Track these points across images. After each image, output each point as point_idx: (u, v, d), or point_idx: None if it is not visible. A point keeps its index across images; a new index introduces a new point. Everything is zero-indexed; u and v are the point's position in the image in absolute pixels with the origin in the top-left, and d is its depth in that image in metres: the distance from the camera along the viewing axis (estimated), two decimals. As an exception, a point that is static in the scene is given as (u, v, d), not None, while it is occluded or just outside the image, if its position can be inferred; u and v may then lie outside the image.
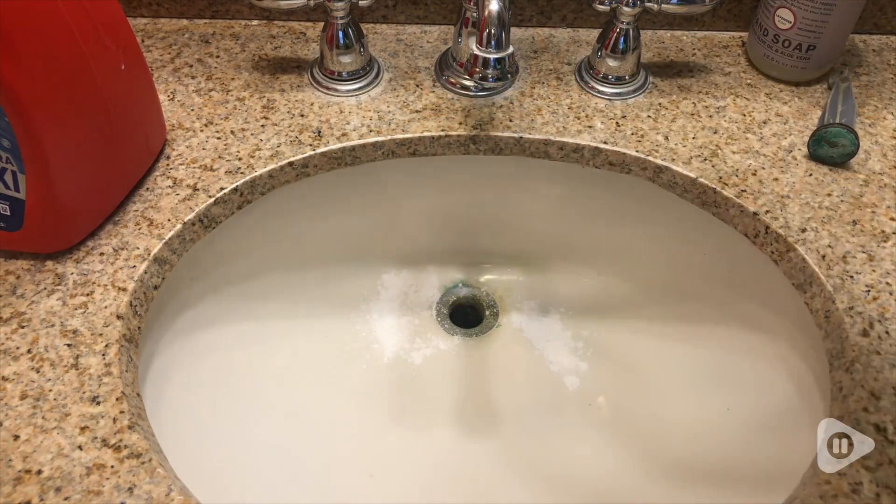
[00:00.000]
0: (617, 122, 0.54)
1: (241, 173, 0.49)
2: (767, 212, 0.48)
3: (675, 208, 0.52)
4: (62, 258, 0.44)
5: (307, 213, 0.55)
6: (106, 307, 0.42)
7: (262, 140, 0.51)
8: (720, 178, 0.50)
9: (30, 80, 0.37)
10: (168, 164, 0.49)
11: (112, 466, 0.36)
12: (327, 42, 0.53)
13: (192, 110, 0.53)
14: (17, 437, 0.36)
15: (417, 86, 0.56)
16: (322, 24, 0.58)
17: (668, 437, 0.52)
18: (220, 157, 0.50)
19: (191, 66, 0.56)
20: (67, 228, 0.44)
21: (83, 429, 0.37)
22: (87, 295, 0.42)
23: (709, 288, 0.55)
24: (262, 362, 0.54)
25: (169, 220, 0.46)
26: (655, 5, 0.52)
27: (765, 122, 0.54)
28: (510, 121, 0.53)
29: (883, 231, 0.47)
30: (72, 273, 0.43)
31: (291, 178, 0.51)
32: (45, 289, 0.42)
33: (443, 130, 0.52)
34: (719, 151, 0.52)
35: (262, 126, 0.52)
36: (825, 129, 0.50)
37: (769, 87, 0.57)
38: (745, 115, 0.55)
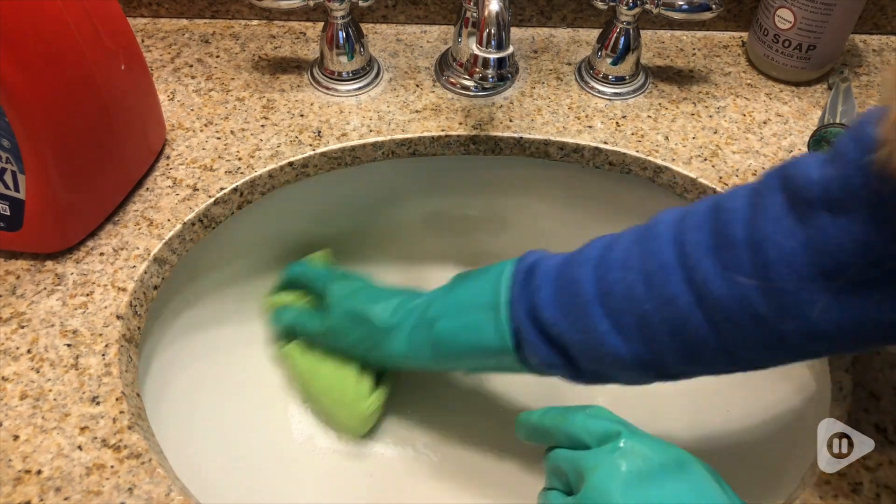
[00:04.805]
0: (617, 122, 0.54)
1: (241, 173, 0.49)
2: (767, 212, 0.48)
3: (675, 208, 0.52)
4: (62, 258, 0.44)
5: (307, 213, 0.55)
6: (106, 307, 0.42)
7: (261, 140, 0.51)
8: (720, 178, 0.50)
9: (30, 81, 0.37)
10: (168, 164, 0.49)
11: (112, 466, 0.36)
12: (327, 42, 0.53)
13: (192, 110, 0.53)
14: (16, 437, 0.36)
15: (417, 86, 0.56)
16: (322, 24, 0.58)
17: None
18: (219, 157, 0.50)
19: (191, 66, 0.56)
20: (67, 228, 0.43)
21: (83, 429, 0.37)
22: (87, 295, 0.42)
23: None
24: (262, 362, 0.54)
25: (169, 220, 0.46)
26: (654, 8, 0.52)
27: (765, 122, 0.54)
28: (510, 121, 0.53)
29: (883, 231, 0.47)
30: (72, 273, 0.43)
31: (291, 178, 0.51)
32: (45, 289, 0.42)
33: (443, 130, 0.52)
34: (719, 151, 0.52)
35: (262, 126, 0.52)
36: (825, 129, 0.50)
37: (769, 87, 0.57)
38: (745, 115, 0.55)
